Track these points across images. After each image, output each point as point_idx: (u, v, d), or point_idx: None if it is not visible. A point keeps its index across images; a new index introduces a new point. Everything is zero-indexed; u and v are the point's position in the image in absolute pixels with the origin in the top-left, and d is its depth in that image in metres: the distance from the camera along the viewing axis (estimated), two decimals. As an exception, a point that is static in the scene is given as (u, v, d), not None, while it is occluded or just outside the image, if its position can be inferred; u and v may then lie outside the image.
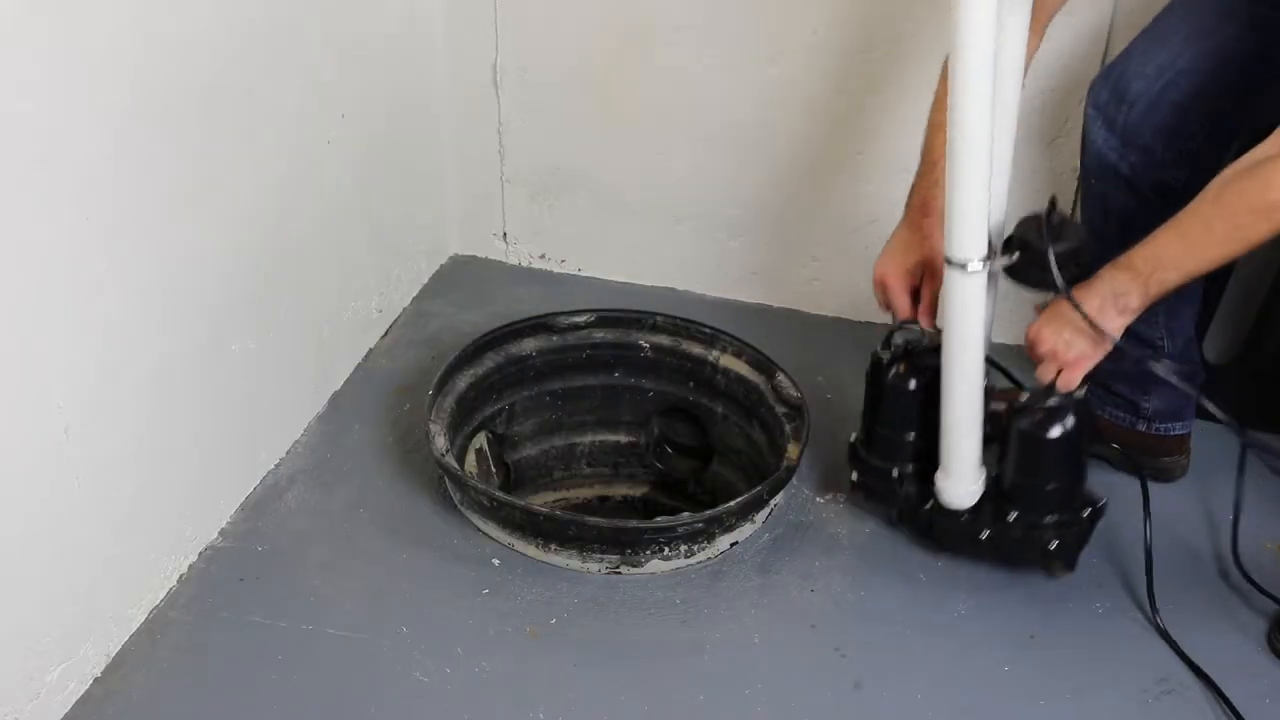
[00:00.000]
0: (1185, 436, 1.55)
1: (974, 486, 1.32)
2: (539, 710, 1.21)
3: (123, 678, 1.22)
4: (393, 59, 1.73)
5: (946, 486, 1.33)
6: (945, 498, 1.34)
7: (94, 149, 1.09)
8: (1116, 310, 1.16)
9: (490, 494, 1.38)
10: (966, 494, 1.33)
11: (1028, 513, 1.31)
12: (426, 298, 1.96)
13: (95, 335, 1.13)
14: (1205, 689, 1.25)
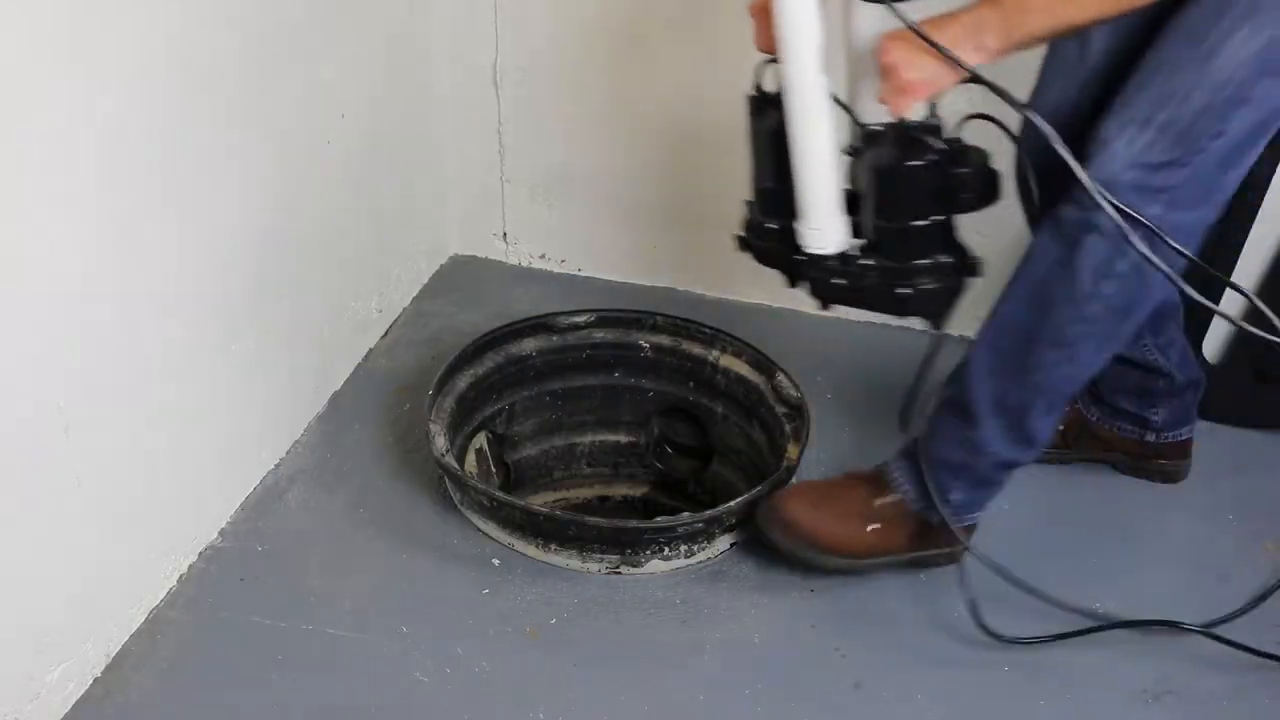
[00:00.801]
0: (1191, 440, 1.55)
1: (832, 228, 1.20)
2: (539, 710, 1.21)
3: (123, 678, 1.22)
4: (393, 59, 1.73)
5: (804, 229, 1.21)
6: (804, 241, 1.21)
7: (94, 149, 1.09)
8: (974, 45, 1.07)
9: (490, 494, 1.38)
10: (824, 237, 1.20)
11: (884, 257, 1.19)
12: (426, 298, 1.96)
13: (95, 335, 1.13)
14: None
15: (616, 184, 1.91)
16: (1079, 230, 1.13)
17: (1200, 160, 1.09)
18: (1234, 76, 1.07)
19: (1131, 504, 1.53)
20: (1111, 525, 1.49)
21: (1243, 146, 1.12)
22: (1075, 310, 1.16)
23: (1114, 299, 1.15)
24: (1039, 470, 1.57)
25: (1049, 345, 1.19)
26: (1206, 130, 1.08)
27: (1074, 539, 1.46)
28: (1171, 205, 1.10)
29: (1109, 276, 1.14)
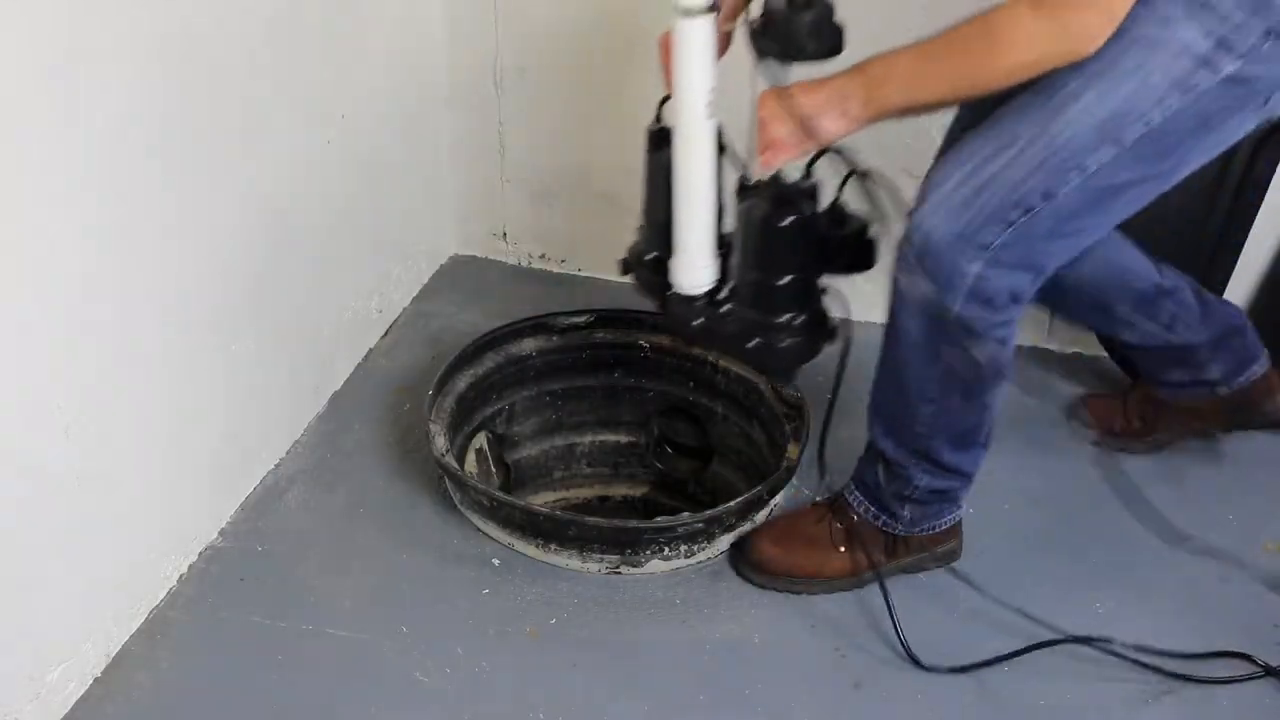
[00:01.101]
0: (1269, 372, 1.50)
1: (701, 269, 1.21)
2: (539, 710, 1.21)
3: (123, 678, 1.22)
4: (393, 59, 1.73)
5: (677, 265, 1.22)
6: (674, 279, 1.23)
7: (94, 149, 1.09)
8: (839, 112, 1.09)
9: (490, 494, 1.38)
10: (692, 276, 1.22)
11: (742, 306, 1.21)
12: (426, 298, 1.96)
13: (95, 335, 1.13)
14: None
15: (617, 184, 1.91)
16: (906, 296, 1.13)
17: (1026, 222, 1.07)
18: (1073, 139, 1.05)
19: (1132, 504, 1.53)
20: (1111, 525, 1.49)
21: (1076, 217, 1.09)
22: (927, 370, 1.17)
23: (958, 359, 1.15)
24: (1039, 470, 1.58)
25: (919, 400, 1.21)
26: (1036, 189, 1.06)
27: (1074, 539, 1.46)
28: (992, 263, 1.08)
29: (945, 342, 1.13)
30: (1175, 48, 1.03)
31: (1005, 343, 1.17)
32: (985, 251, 1.08)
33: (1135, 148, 1.06)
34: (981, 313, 1.11)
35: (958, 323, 1.11)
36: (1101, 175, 1.07)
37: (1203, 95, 1.04)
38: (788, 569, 1.36)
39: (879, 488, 1.33)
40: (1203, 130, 1.07)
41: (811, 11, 1.11)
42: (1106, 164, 1.07)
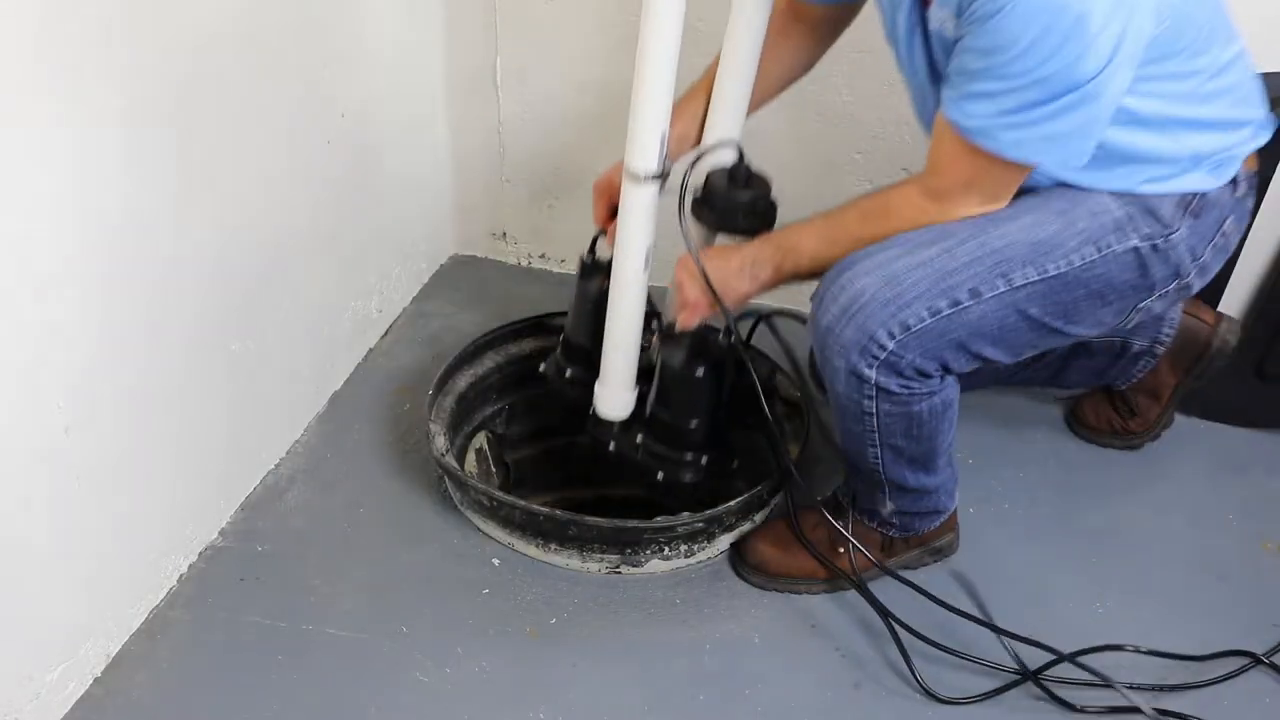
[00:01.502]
0: (1190, 309, 1.53)
1: (620, 402, 1.33)
2: (539, 710, 1.21)
3: (123, 678, 1.22)
4: (393, 59, 1.73)
5: (600, 393, 1.35)
6: (597, 404, 1.36)
7: (93, 148, 1.09)
8: (750, 276, 1.21)
9: (490, 494, 1.38)
10: (615, 406, 1.35)
11: (653, 440, 1.34)
12: (426, 298, 1.96)
13: (95, 335, 1.13)
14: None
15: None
16: (827, 344, 1.16)
17: (948, 316, 1.12)
18: (1005, 249, 1.12)
19: (1131, 504, 1.53)
20: (1111, 526, 1.49)
21: (984, 335, 1.14)
22: (857, 421, 1.20)
23: (886, 413, 1.19)
24: (1039, 470, 1.58)
25: (862, 445, 1.24)
26: (965, 284, 1.12)
27: (1074, 540, 1.46)
28: (904, 345, 1.12)
29: (866, 397, 1.17)
30: (1096, 205, 1.14)
31: (937, 400, 1.19)
32: (905, 332, 1.12)
33: (1050, 284, 1.13)
34: (897, 381, 1.15)
35: (875, 385, 1.15)
36: (1020, 295, 1.13)
37: (1113, 259, 1.14)
38: (787, 570, 1.37)
39: (865, 499, 1.35)
40: (1099, 297, 1.16)
41: (750, 191, 1.26)
42: (1026, 285, 1.13)
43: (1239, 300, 1.64)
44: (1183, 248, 1.17)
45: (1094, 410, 1.63)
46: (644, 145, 1.18)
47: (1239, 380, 1.64)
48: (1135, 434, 1.61)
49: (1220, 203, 1.18)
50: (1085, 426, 1.64)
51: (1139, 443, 1.61)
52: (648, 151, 1.19)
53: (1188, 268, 1.19)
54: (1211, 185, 1.16)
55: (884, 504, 1.32)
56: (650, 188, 1.21)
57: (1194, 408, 1.66)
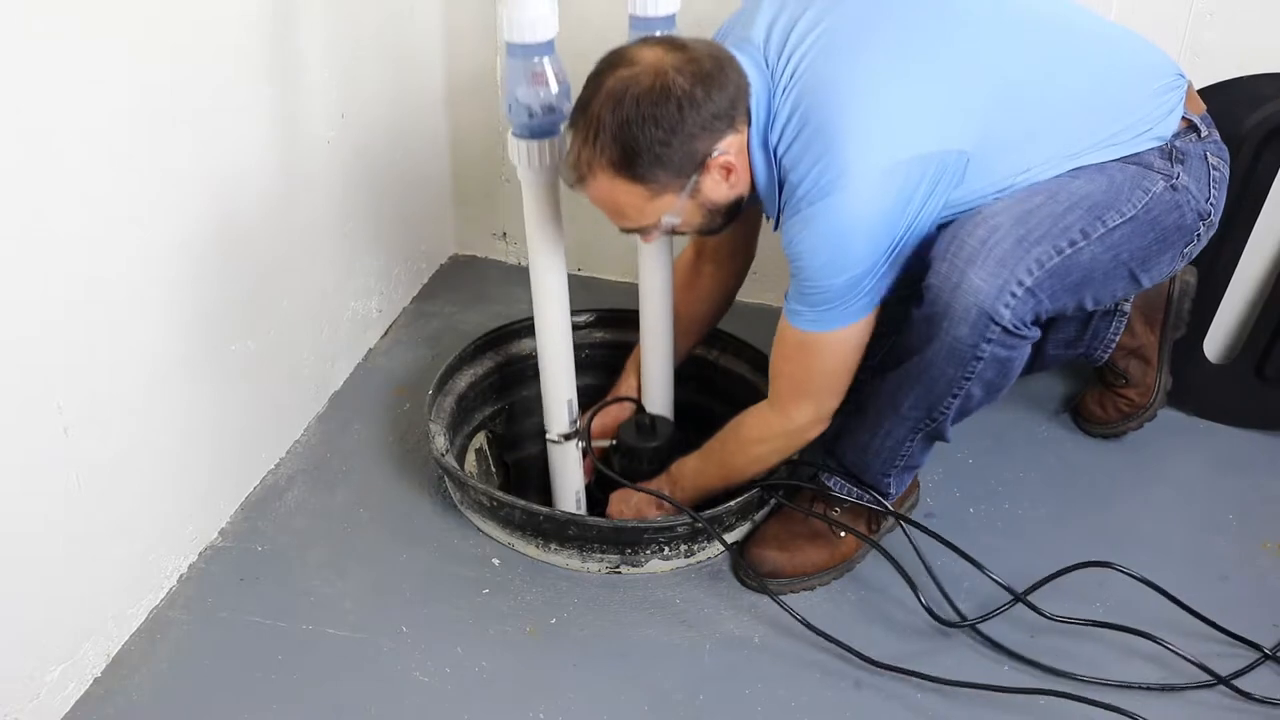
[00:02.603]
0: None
1: None
2: (539, 710, 1.21)
3: (123, 678, 1.22)
4: (393, 59, 1.73)
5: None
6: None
7: (93, 149, 1.09)
8: (655, 506, 1.42)
9: (490, 494, 1.38)
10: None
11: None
12: (426, 298, 1.96)
13: (95, 336, 1.13)
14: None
15: None
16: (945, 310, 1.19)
17: (1063, 259, 1.18)
18: (1088, 197, 1.19)
19: (1131, 504, 1.53)
20: (1112, 525, 1.49)
21: (1091, 276, 1.21)
22: (964, 370, 1.21)
23: (995, 357, 1.20)
24: (1039, 470, 1.58)
25: (951, 397, 1.24)
26: (1075, 225, 1.18)
27: (1074, 538, 1.45)
28: (1028, 293, 1.17)
29: (985, 339, 1.18)
30: (1114, 168, 1.21)
31: (1028, 350, 1.21)
32: (1040, 268, 1.16)
33: (1132, 227, 1.20)
34: (1021, 322, 1.17)
35: (1003, 326, 1.16)
36: (1116, 237, 1.19)
37: (1157, 200, 1.21)
38: (800, 569, 1.37)
39: (872, 471, 1.36)
40: (1162, 241, 1.23)
41: (654, 442, 1.49)
42: (1117, 228, 1.19)
43: (1239, 301, 1.64)
44: (1192, 187, 1.23)
45: (1098, 403, 1.63)
46: (556, 414, 1.44)
47: (1239, 381, 1.64)
48: (1144, 406, 1.60)
49: (1192, 149, 1.24)
50: (1096, 422, 1.63)
51: (1152, 413, 1.60)
52: (560, 419, 1.44)
53: (1205, 206, 1.25)
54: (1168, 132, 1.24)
55: (894, 469, 1.35)
56: (568, 445, 1.46)
57: (1194, 408, 1.66)
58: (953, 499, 1.52)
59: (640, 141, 1.09)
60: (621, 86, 1.09)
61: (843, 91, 1.12)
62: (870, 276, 1.16)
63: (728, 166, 1.14)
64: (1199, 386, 1.65)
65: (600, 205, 1.21)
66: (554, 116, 1.23)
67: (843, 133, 1.10)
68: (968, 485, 1.54)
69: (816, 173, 1.11)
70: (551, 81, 1.21)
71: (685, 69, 1.09)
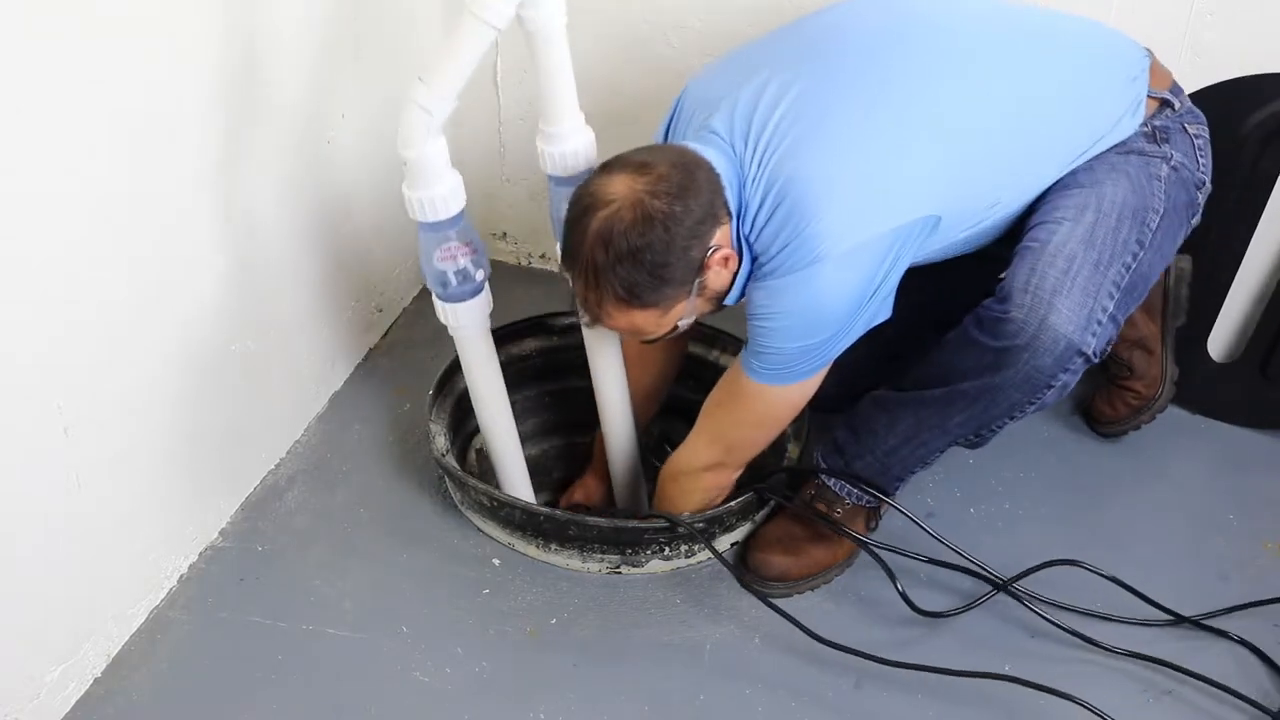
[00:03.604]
0: None
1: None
2: (539, 710, 1.21)
3: (123, 678, 1.22)
4: (392, 59, 1.73)
5: None
6: None
7: (92, 149, 1.09)
8: None
9: (490, 494, 1.38)
10: None
11: None
12: (426, 298, 1.95)
13: (95, 336, 1.14)
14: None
15: None
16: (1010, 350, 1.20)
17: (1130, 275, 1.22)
18: (1125, 201, 1.21)
19: (1131, 504, 1.53)
20: (1112, 524, 1.49)
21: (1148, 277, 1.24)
22: (1034, 398, 1.22)
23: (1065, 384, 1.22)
24: (1040, 469, 1.58)
25: (1008, 419, 1.26)
26: (1131, 238, 1.22)
27: (1074, 538, 1.45)
28: (1110, 318, 1.20)
29: (1065, 370, 1.20)
30: (1115, 158, 1.23)
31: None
32: (1118, 289, 1.19)
33: (1165, 222, 1.23)
34: (1101, 347, 1.19)
35: (1086, 356, 1.18)
36: (1159, 237, 1.22)
37: (1169, 185, 1.24)
38: (807, 570, 1.38)
39: (880, 474, 1.36)
40: (1182, 226, 1.28)
41: None
42: (1158, 229, 1.22)
43: (1242, 300, 1.64)
44: (1185, 161, 1.26)
45: (1107, 402, 1.63)
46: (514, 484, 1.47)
47: (1243, 380, 1.64)
48: (1152, 397, 1.59)
49: (1171, 124, 1.27)
50: (1106, 422, 1.63)
51: (1161, 404, 1.60)
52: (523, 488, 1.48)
53: (1199, 175, 1.29)
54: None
55: (913, 473, 1.37)
56: None
57: (1198, 406, 1.66)
58: (953, 499, 1.52)
59: (640, 273, 1.11)
60: (606, 227, 1.10)
61: (810, 178, 1.12)
62: (830, 343, 1.18)
63: (725, 258, 1.16)
64: (1202, 385, 1.64)
65: (621, 331, 1.24)
66: (471, 284, 1.27)
67: (811, 219, 1.11)
68: (968, 485, 1.54)
69: (785, 254, 1.13)
70: (460, 255, 1.25)
71: (659, 189, 1.10)
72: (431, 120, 1.20)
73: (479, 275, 1.27)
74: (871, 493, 1.37)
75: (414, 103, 1.18)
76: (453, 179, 1.24)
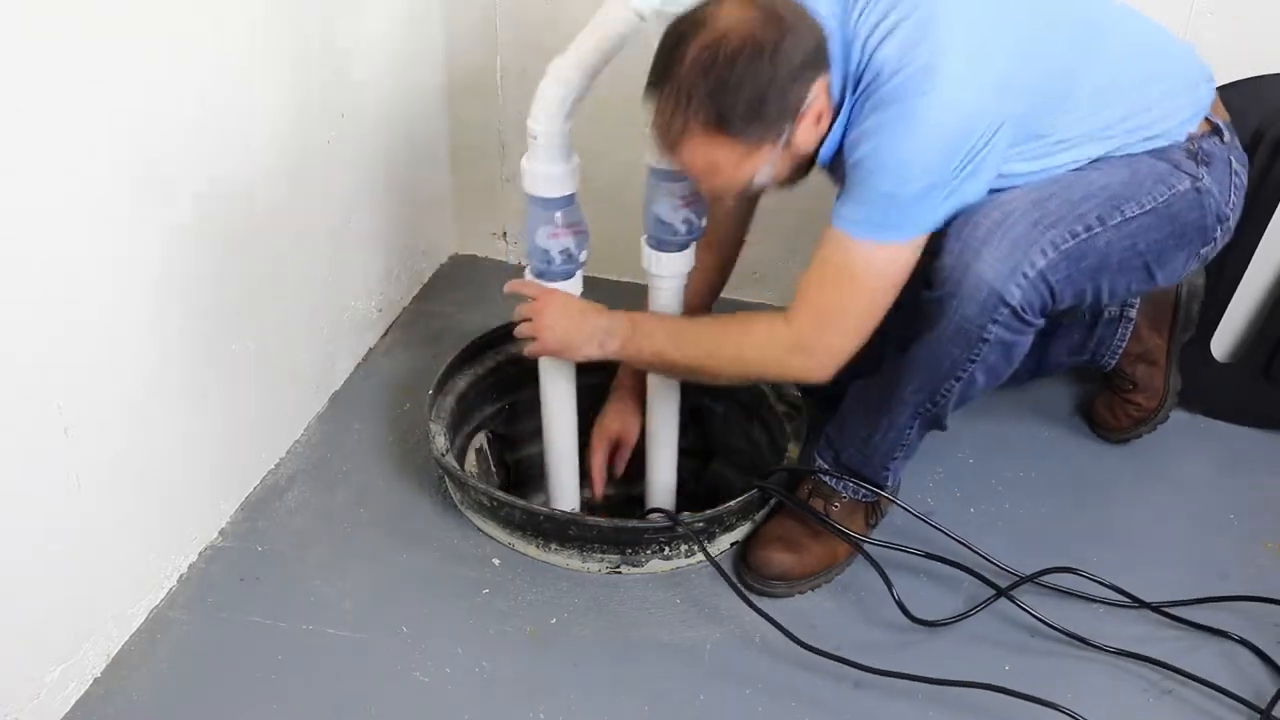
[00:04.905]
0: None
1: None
2: (539, 710, 1.21)
3: (123, 678, 1.22)
4: (393, 59, 1.73)
5: None
6: None
7: (91, 149, 1.09)
8: (598, 344, 1.30)
9: (490, 494, 1.38)
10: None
11: None
12: (426, 298, 1.96)
13: (95, 335, 1.13)
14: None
15: (617, 183, 1.91)
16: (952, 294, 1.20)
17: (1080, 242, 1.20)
18: (1107, 187, 1.21)
19: (1132, 504, 1.53)
20: (1112, 524, 1.49)
21: (1107, 264, 1.22)
22: (969, 352, 1.22)
23: (1000, 340, 1.21)
24: (1040, 470, 1.58)
25: (954, 380, 1.25)
26: (1092, 212, 1.20)
27: (1074, 538, 1.45)
28: (1042, 275, 1.18)
29: (993, 321, 1.19)
30: (1142, 162, 1.23)
31: (1032, 338, 1.22)
32: (1055, 250, 1.17)
33: (1150, 218, 1.21)
34: (1030, 306, 1.17)
35: (1012, 308, 1.16)
36: (1133, 226, 1.20)
37: (1179, 197, 1.22)
38: (810, 568, 1.38)
39: (871, 462, 1.36)
40: (1180, 238, 1.24)
41: None
42: (1135, 218, 1.20)
43: (1247, 300, 1.64)
44: (1216, 191, 1.25)
45: (1108, 409, 1.63)
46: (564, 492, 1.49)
47: (1246, 381, 1.64)
48: (1154, 410, 1.60)
49: (1217, 151, 1.27)
50: (1108, 428, 1.64)
51: (1164, 416, 1.61)
52: (567, 496, 1.49)
53: (1225, 212, 1.27)
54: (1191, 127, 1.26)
55: (894, 460, 1.35)
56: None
57: (1200, 407, 1.66)
58: (953, 499, 1.52)
59: (737, 99, 1.08)
60: (711, 49, 1.08)
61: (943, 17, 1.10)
62: (920, 200, 1.12)
63: (819, 113, 1.13)
64: (1205, 385, 1.65)
65: (693, 168, 1.18)
66: (573, 264, 1.31)
67: (943, 34, 1.08)
68: (968, 485, 1.54)
69: (897, 80, 1.09)
70: (564, 235, 1.29)
71: (769, 23, 1.08)
72: (566, 97, 1.21)
73: (581, 256, 1.30)
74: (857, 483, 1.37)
75: (552, 78, 1.19)
76: (572, 162, 1.26)
